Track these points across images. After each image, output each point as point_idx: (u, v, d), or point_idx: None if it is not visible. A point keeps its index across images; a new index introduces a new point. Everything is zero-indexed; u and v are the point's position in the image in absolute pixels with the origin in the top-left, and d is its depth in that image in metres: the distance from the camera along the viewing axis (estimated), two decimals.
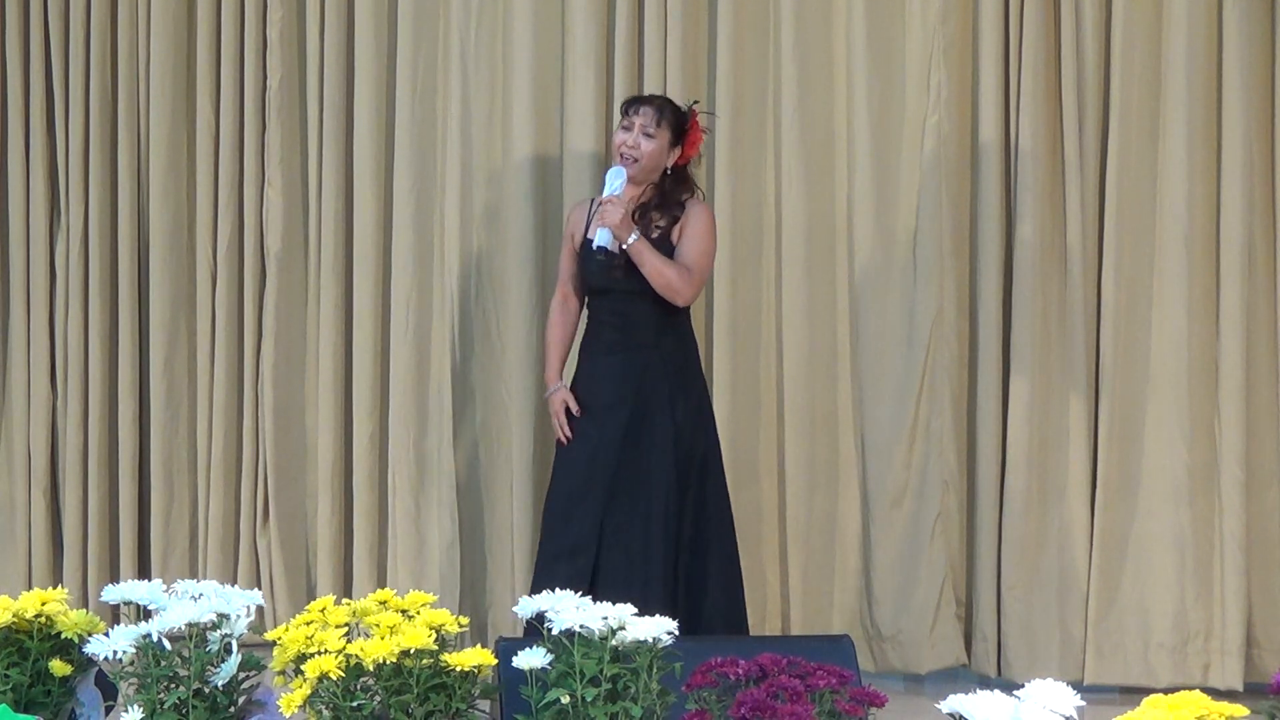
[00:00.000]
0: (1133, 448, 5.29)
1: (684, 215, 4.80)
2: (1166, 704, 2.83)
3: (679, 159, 4.85)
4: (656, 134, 4.78)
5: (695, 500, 4.76)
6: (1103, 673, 5.25)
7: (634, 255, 4.68)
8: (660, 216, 4.80)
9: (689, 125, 4.86)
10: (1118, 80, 5.28)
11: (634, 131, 4.77)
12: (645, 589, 4.52)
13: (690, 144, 4.86)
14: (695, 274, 4.75)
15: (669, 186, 4.83)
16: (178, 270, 5.85)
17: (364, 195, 5.70)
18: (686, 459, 4.75)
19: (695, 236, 4.77)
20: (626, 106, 4.86)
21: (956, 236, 5.40)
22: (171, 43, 5.82)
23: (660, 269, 4.69)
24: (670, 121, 4.81)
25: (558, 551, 4.73)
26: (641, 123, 4.78)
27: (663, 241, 4.75)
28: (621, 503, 4.70)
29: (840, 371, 5.50)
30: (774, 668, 3.09)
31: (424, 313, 5.69)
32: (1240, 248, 5.21)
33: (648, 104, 4.83)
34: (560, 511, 4.77)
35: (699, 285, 4.81)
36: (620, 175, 4.73)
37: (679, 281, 4.71)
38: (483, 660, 3.18)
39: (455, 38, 5.68)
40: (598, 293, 4.84)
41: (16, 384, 5.95)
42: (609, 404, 4.76)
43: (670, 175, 4.84)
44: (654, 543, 4.66)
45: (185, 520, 5.86)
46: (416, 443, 5.68)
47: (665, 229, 4.78)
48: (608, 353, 4.81)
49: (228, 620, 3.23)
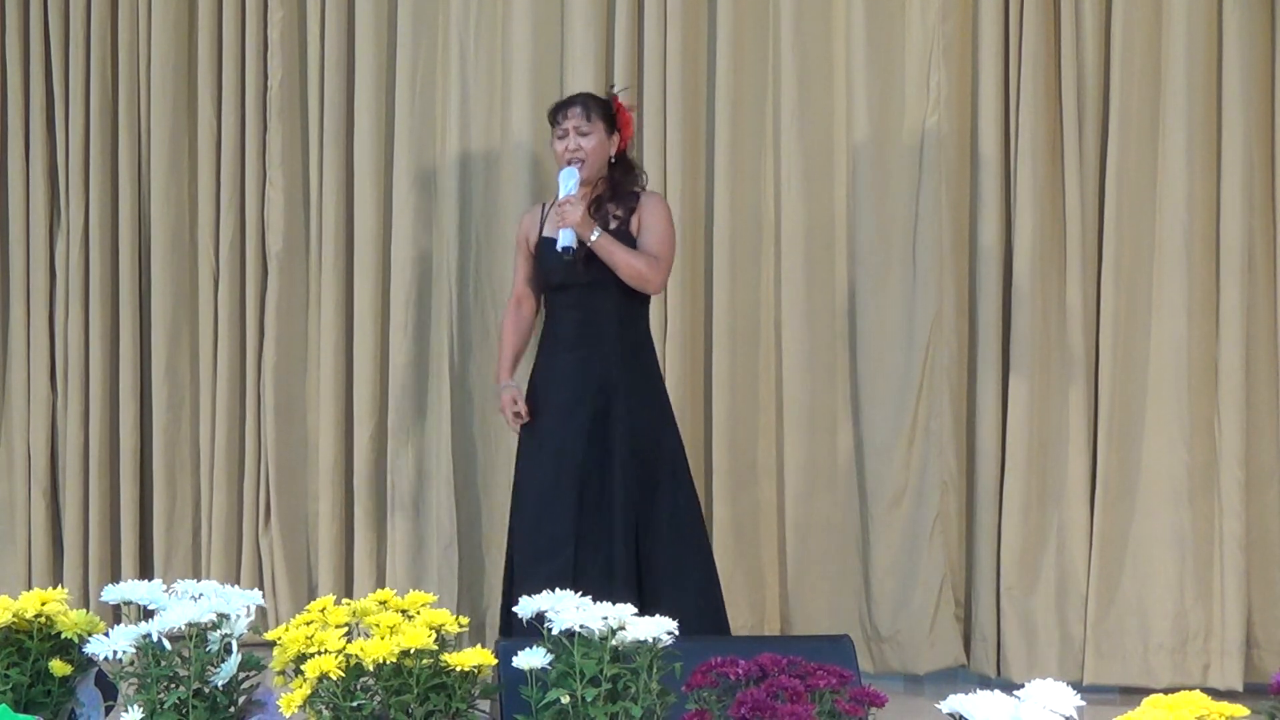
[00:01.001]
0: (1132, 448, 5.29)
1: (639, 206, 4.82)
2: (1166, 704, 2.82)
3: (620, 145, 4.86)
4: (591, 129, 4.80)
5: (665, 503, 4.74)
6: (1102, 673, 5.26)
7: (601, 251, 4.70)
8: (616, 208, 4.81)
9: (615, 110, 4.88)
10: (1117, 80, 5.29)
11: (569, 136, 4.80)
12: (611, 585, 4.50)
13: (624, 125, 4.88)
14: (662, 261, 4.78)
15: (618, 177, 4.85)
16: (179, 270, 5.86)
17: (364, 195, 5.71)
18: (649, 453, 4.74)
19: (655, 226, 4.80)
20: (552, 116, 4.88)
21: (956, 236, 5.40)
22: (172, 43, 5.83)
23: (628, 259, 4.71)
24: (599, 113, 4.84)
25: (536, 552, 4.71)
26: (573, 125, 4.80)
27: (622, 233, 4.77)
28: (590, 505, 4.69)
29: (839, 372, 5.50)
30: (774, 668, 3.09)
31: (423, 313, 5.69)
32: (1240, 248, 5.21)
33: (571, 105, 4.86)
34: (533, 512, 4.76)
35: (666, 272, 4.83)
36: (573, 175, 4.76)
37: (649, 270, 4.73)
38: (483, 660, 3.18)
39: (455, 38, 5.69)
40: (558, 289, 4.84)
41: (16, 384, 5.96)
42: (571, 402, 4.75)
43: (617, 166, 4.85)
44: (618, 546, 4.66)
45: (188, 520, 5.87)
46: (416, 443, 5.69)
47: (622, 220, 4.80)
48: (568, 349, 4.80)
49: (228, 620, 3.23)
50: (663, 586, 4.68)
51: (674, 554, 4.73)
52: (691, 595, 4.72)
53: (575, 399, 4.75)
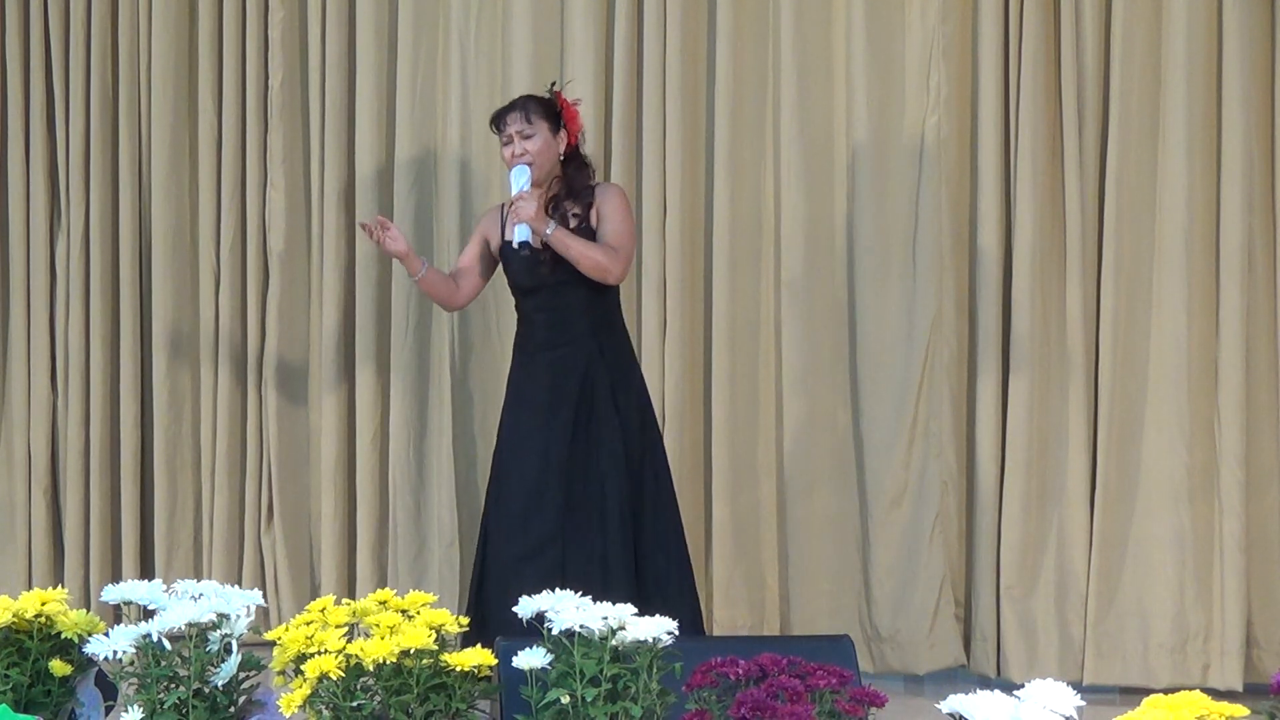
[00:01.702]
0: (1132, 448, 5.29)
1: (595, 199, 4.80)
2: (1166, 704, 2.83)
3: (569, 141, 4.83)
4: (533, 130, 4.77)
5: (650, 496, 4.74)
6: (1102, 673, 5.25)
7: (556, 245, 4.68)
8: (574, 205, 4.79)
9: (559, 107, 4.85)
10: (1117, 80, 5.28)
11: (514, 141, 4.78)
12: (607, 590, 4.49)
13: (570, 119, 4.84)
14: (621, 251, 4.73)
15: (572, 173, 4.82)
16: (180, 270, 5.86)
17: (365, 195, 5.71)
18: (638, 452, 4.74)
19: (613, 216, 4.76)
20: (494, 124, 4.85)
21: (956, 236, 5.40)
22: (173, 42, 5.83)
23: (584, 251, 4.68)
24: (540, 113, 4.81)
25: (522, 552, 4.67)
26: (515, 130, 4.78)
27: (584, 229, 4.75)
28: (577, 504, 4.68)
29: (839, 372, 5.50)
30: (774, 668, 3.09)
31: (425, 312, 5.69)
32: (1240, 248, 5.21)
33: (509, 111, 4.82)
34: (518, 512, 4.71)
35: (626, 261, 4.77)
36: (524, 173, 4.73)
37: (606, 260, 4.69)
38: (483, 660, 3.18)
39: (455, 38, 5.69)
40: (526, 292, 4.82)
41: (16, 384, 5.96)
42: (552, 402, 4.73)
43: (570, 162, 4.83)
44: (613, 544, 4.64)
45: (189, 520, 5.87)
46: (417, 442, 5.69)
47: (582, 215, 4.78)
48: (544, 349, 4.78)
49: (228, 620, 3.23)
50: (660, 580, 4.68)
51: (665, 547, 4.73)
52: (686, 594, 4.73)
53: (557, 398, 4.73)
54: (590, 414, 4.72)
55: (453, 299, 4.94)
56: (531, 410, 4.76)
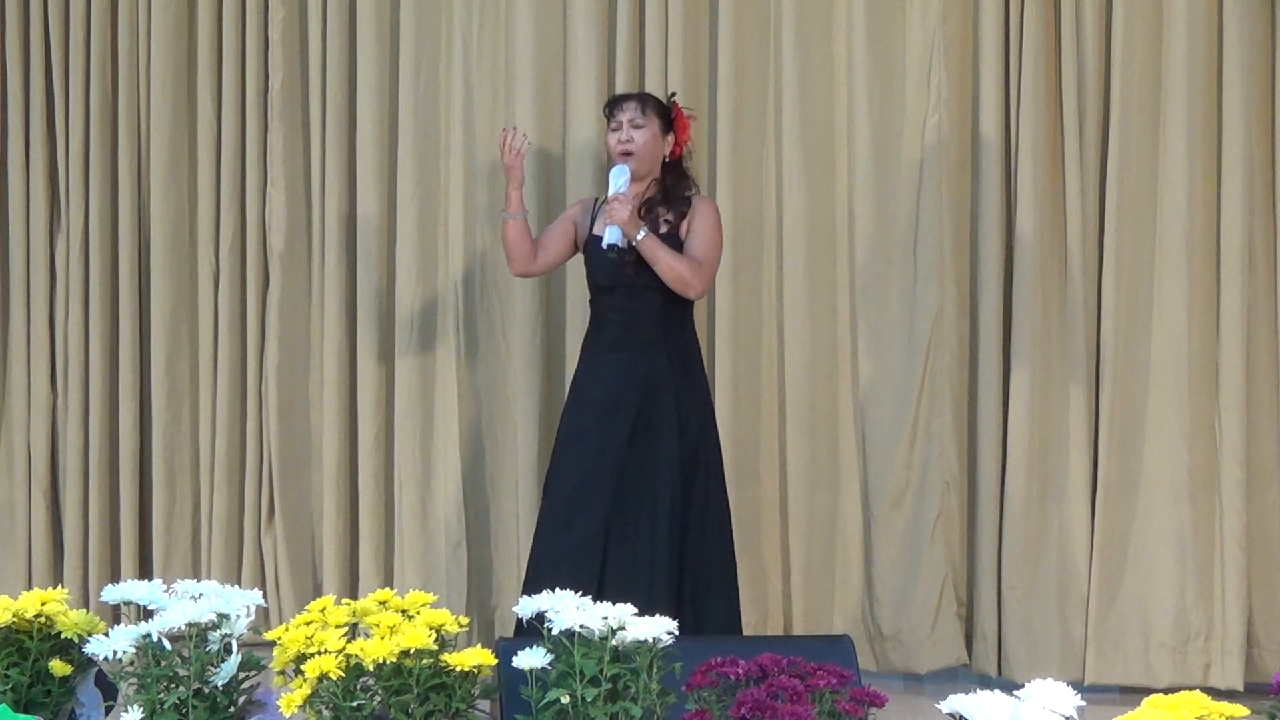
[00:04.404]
0: (1133, 447, 5.29)
1: (690, 210, 4.82)
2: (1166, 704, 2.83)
3: (675, 149, 4.87)
4: (645, 122, 4.82)
5: (700, 504, 4.76)
6: (1103, 672, 5.25)
7: (645, 251, 4.70)
8: (666, 212, 4.82)
9: (673, 113, 4.90)
10: (1118, 80, 5.28)
11: (623, 128, 4.81)
12: (651, 594, 4.51)
13: (681, 129, 4.89)
14: (706, 266, 4.78)
15: (671, 182, 4.86)
16: (179, 270, 5.85)
17: (367, 195, 5.70)
18: (691, 461, 4.75)
19: (703, 230, 4.80)
20: (609, 109, 4.90)
21: (957, 236, 5.40)
22: (172, 42, 5.82)
23: (671, 263, 4.71)
24: (655, 110, 4.87)
25: (559, 553, 4.70)
26: (628, 117, 4.83)
27: (671, 237, 4.78)
28: (628, 506, 4.69)
29: (841, 371, 5.50)
30: (774, 668, 3.09)
31: (428, 312, 5.69)
32: (1240, 247, 5.21)
33: (629, 99, 4.90)
34: (564, 509, 4.75)
35: (709, 278, 4.84)
36: (624, 173, 4.76)
37: (690, 274, 4.73)
38: (482, 660, 3.18)
39: (458, 37, 5.69)
40: (604, 290, 4.85)
41: (16, 384, 5.95)
42: (613, 404, 4.75)
43: (671, 170, 4.87)
44: (660, 549, 4.66)
45: (188, 520, 5.87)
46: (422, 442, 5.68)
47: (673, 224, 4.81)
48: (610, 350, 4.81)
49: (228, 620, 3.23)
50: (703, 592, 4.69)
51: (714, 560, 4.75)
52: (726, 601, 4.74)
53: (616, 400, 4.75)
54: (650, 420, 4.73)
55: (528, 261, 4.91)
56: (592, 410, 4.79)
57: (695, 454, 4.76)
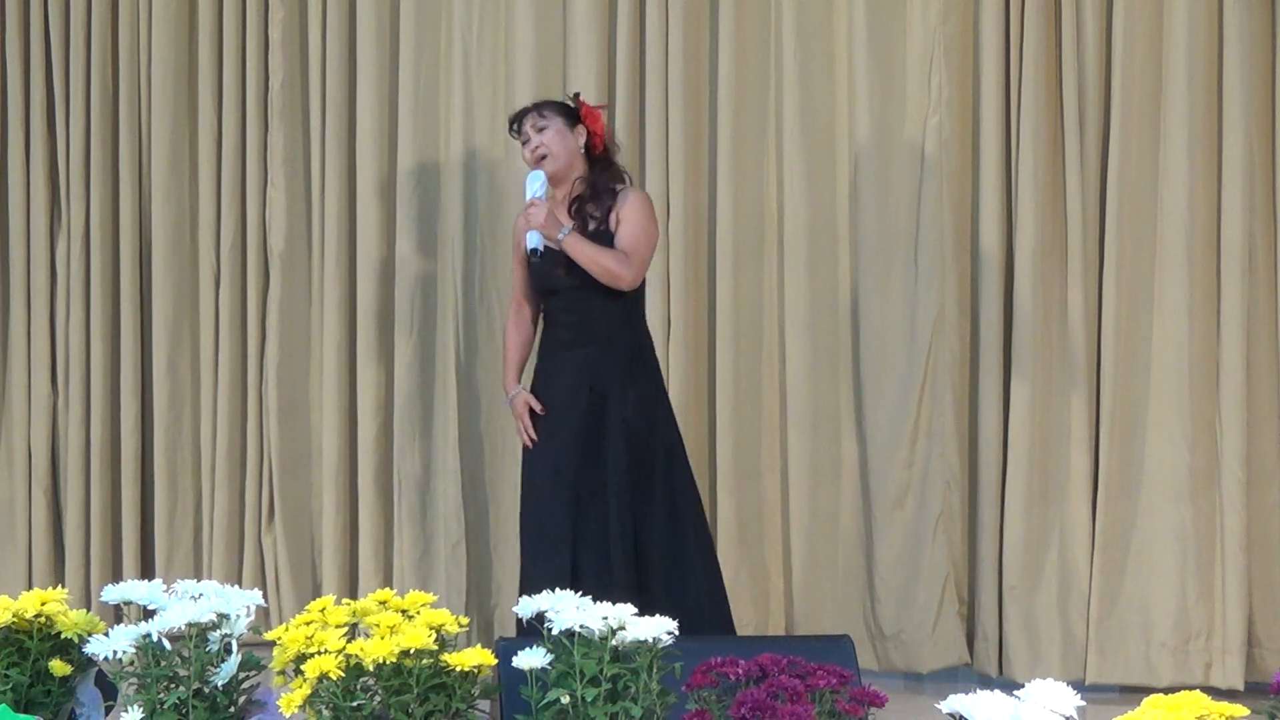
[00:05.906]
0: (1134, 447, 5.29)
1: (616, 203, 4.78)
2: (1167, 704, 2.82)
3: (595, 142, 4.83)
4: (547, 122, 4.79)
5: (664, 492, 4.74)
6: (1104, 672, 5.26)
7: (569, 250, 4.69)
8: (595, 208, 4.79)
9: (577, 106, 4.85)
10: (1118, 80, 5.28)
11: (530, 137, 4.79)
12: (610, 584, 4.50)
13: (592, 121, 4.84)
14: (633, 257, 4.72)
15: (597, 176, 4.82)
16: (180, 270, 5.86)
17: (367, 195, 5.71)
18: (642, 451, 4.73)
19: (630, 220, 4.75)
20: (512, 128, 4.86)
21: (957, 236, 5.40)
22: (173, 42, 5.83)
23: (594, 258, 4.68)
24: (554, 109, 4.84)
25: (535, 552, 4.73)
26: (530, 124, 4.80)
27: (603, 233, 4.75)
28: (585, 501, 4.70)
29: (842, 371, 5.50)
30: (774, 668, 3.09)
31: (428, 312, 5.69)
32: (1241, 248, 5.21)
33: (525, 113, 4.85)
34: (534, 511, 4.77)
35: (639, 268, 4.75)
36: (538, 178, 4.75)
37: (617, 266, 4.69)
38: (482, 660, 3.18)
39: (457, 37, 5.69)
40: (548, 294, 4.84)
41: (16, 384, 5.96)
42: (566, 402, 4.75)
43: (595, 165, 4.83)
44: (612, 539, 4.66)
45: (189, 520, 5.87)
46: (421, 442, 5.69)
47: (601, 219, 4.78)
48: (564, 348, 4.80)
49: (228, 620, 3.22)
50: (661, 584, 4.68)
51: (672, 551, 4.73)
52: (692, 592, 4.72)
53: (569, 398, 4.75)
54: (602, 415, 4.73)
55: (532, 326, 4.93)
56: (548, 411, 4.78)
57: (648, 447, 4.74)
